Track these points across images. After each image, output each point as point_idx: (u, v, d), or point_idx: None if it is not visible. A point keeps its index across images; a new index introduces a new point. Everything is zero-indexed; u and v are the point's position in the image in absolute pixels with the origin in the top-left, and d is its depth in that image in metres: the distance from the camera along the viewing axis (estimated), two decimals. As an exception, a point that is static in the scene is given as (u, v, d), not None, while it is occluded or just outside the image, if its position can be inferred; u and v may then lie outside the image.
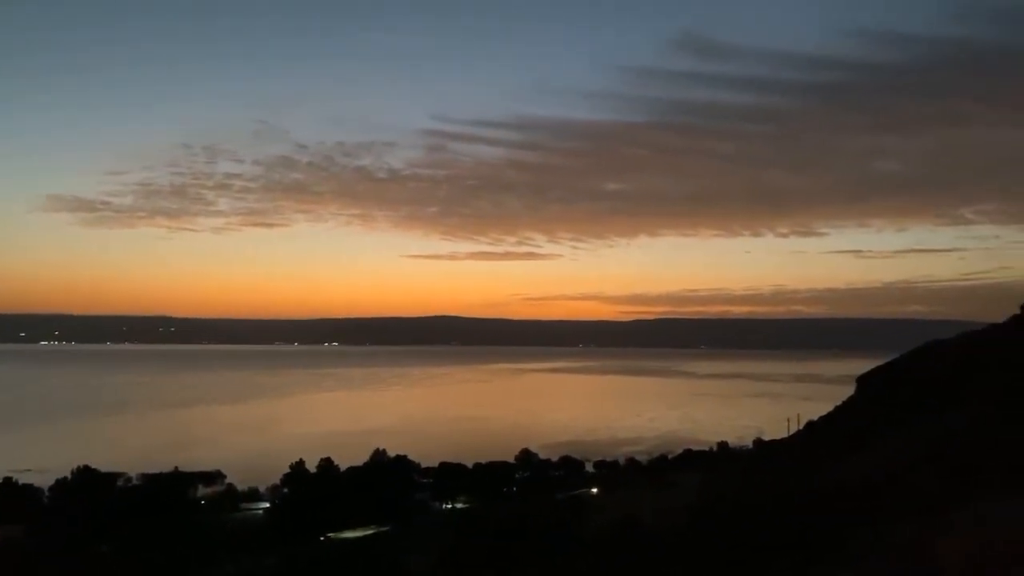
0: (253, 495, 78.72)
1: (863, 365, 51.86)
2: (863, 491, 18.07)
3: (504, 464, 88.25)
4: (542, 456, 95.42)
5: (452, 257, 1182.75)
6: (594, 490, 77.25)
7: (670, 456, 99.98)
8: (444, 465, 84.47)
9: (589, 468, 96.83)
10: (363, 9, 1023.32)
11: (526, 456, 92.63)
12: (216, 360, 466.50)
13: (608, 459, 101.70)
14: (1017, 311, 41.33)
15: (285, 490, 71.78)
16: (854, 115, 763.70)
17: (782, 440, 52.52)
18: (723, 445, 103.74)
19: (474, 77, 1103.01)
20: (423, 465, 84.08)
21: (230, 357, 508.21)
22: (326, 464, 74.76)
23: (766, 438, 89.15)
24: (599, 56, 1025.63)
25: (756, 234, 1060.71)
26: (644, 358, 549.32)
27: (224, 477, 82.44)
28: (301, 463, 73.40)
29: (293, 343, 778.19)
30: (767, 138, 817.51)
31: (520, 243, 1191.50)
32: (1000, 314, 41.54)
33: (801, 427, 47.24)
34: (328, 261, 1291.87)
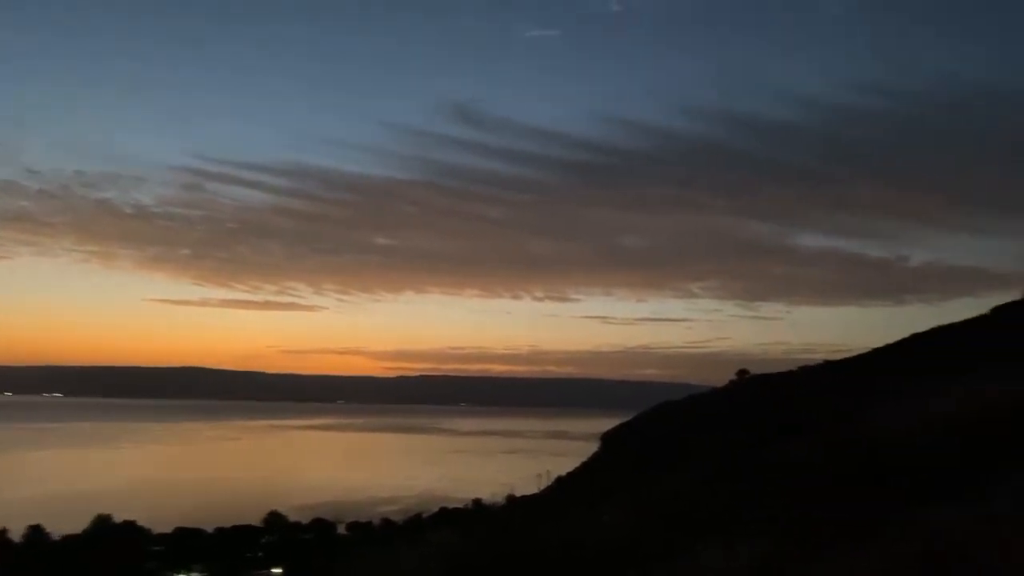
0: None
1: (608, 423, 55.36)
2: (604, 544, 18.93)
3: (249, 528, 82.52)
4: (292, 518, 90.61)
5: (203, 303, 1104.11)
6: (276, 570, 73.18)
7: (425, 515, 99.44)
8: (180, 530, 77.24)
9: (342, 530, 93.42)
10: (119, 33, 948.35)
11: (274, 519, 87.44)
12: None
13: (362, 520, 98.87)
14: (734, 376, 46.58)
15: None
16: (606, 193, 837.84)
17: (533, 496, 54.24)
18: (478, 502, 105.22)
19: (241, 116, 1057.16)
20: (156, 531, 76.26)
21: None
22: (34, 533, 65.21)
23: (518, 494, 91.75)
24: (374, 112, 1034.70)
25: (516, 296, 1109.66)
26: (406, 415, 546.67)
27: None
28: (3, 533, 63.40)
29: (3, 392, 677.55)
30: (529, 207, 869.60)
31: (281, 292, 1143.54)
32: (721, 378, 46.73)
33: (551, 482, 49.17)
34: (56, 300, 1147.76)
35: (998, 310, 40.47)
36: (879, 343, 43.21)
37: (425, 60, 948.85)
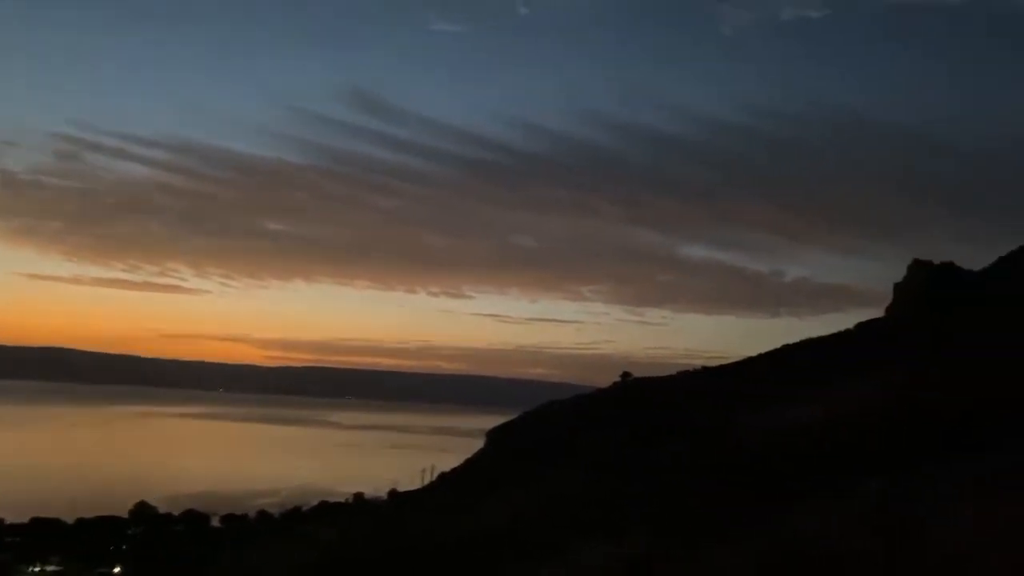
0: None
1: (495, 420, 55.78)
2: (486, 540, 19.09)
3: (114, 519, 78.40)
4: (163, 510, 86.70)
5: (76, 281, 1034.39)
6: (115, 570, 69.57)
7: (305, 508, 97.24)
8: (36, 521, 72.52)
9: (216, 522, 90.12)
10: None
11: (142, 510, 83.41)
12: None
13: (238, 512, 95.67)
14: (618, 378, 47.94)
15: None
16: (504, 193, 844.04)
17: (417, 491, 53.95)
18: (359, 496, 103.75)
19: (128, 86, 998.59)
20: (9, 521, 71.35)
21: None
22: None
23: (401, 489, 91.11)
24: (272, 93, 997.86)
25: (410, 290, 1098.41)
26: (289, 406, 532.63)
27: None
28: None
29: None
30: (426, 201, 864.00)
31: (162, 274, 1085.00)
32: (606, 380, 48.11)
33: (435, 478, 49.07)
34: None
35: (861, 326, 43.37)
36: (753, 352, 45.42)
37: (328, 44, 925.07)
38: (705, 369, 46.81)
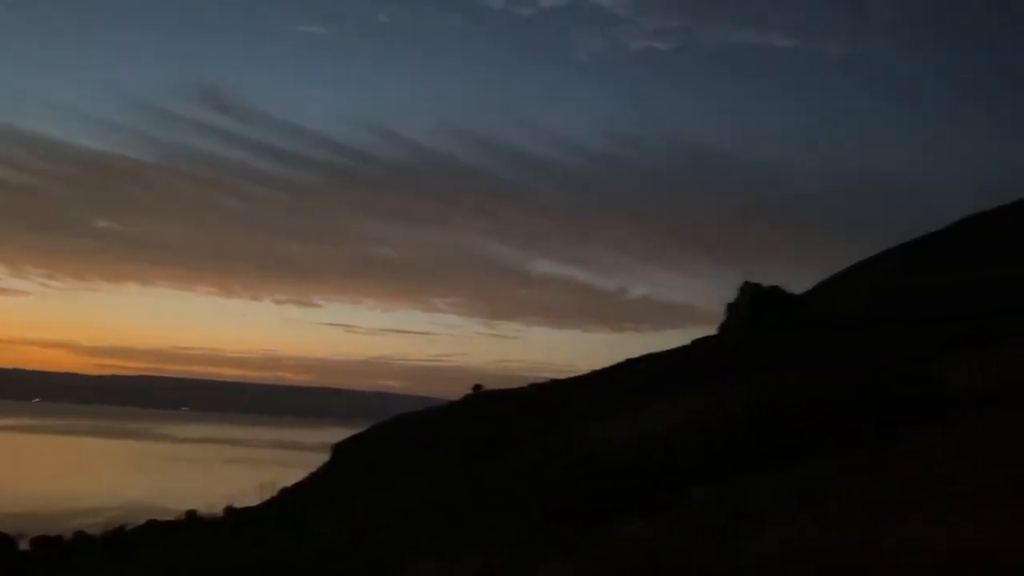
0: None
1: (342, 433, 54.35)
2: (326, 557, 18.46)
3: None
4: (-40, 533, 77.99)
5: None
6: None
7: (130, 527, 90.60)
8: None
9: (24, 545, 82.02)
10: None
11: (-65, 533, 74.63)
12: None
13: (52, 534, 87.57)
14: (470, 390, 48.10)
15: None
16: (360, 201, 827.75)
17: (254, 507, 51.60)
18: (191, 514, 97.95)
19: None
20: None
21: None
22: None
23: (238, 505, 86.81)
24: (111, 81, 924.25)
25: (255, 297, 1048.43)
26: (117, 418, 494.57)
27: None
28: None
29: None
30: (278, 205, 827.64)
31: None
32: (458, 392, 48.14)
33: (275, 494, 47.15)
34: None
35: (698, 342, 45.90)
36: (599, 365, 47.00)
37: (179, 38, 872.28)
38: (554, 381, 47.90)
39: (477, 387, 48.57)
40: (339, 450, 46.69)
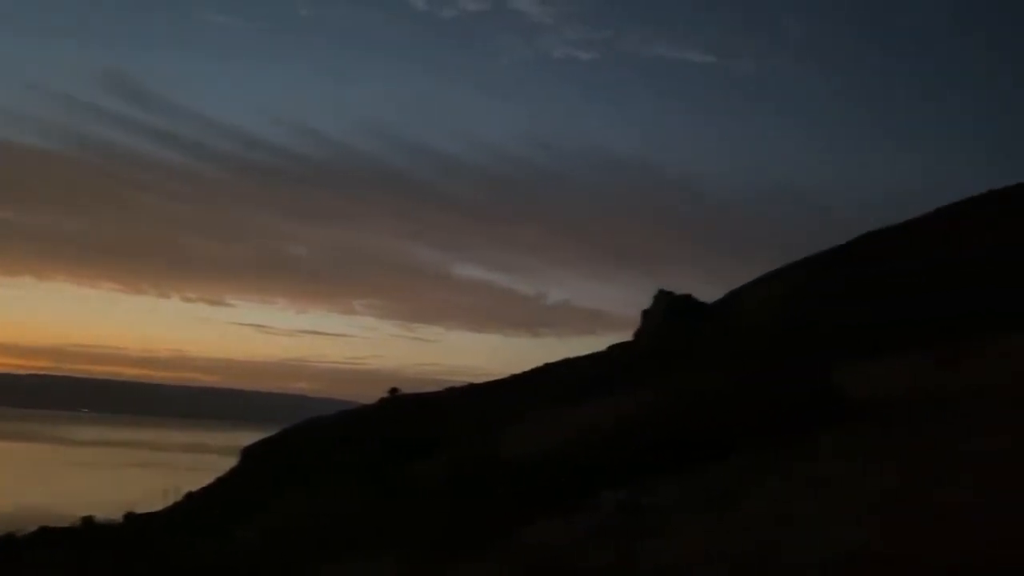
0: None
1: (253, 436, 52.85)
2: (233, 563, 17.88)
3: None
4: None
5: None
6: None
7: (20, 534, 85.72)
8: None
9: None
10: None
11: None
12: None
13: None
14: (386, 394, 47.54)
15: None
16: (275, 198, 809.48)
17: (158, 513, 49.64)
18: (89, 520, 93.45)
19: None
20: None
21: None
22: None
23: (140, 511, 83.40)
24: (11, 67, 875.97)
25: (163, 295, 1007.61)
26: (10, 420, 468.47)
27: None
28: None
29: None
30: (188, 200, 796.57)
31: None
32: (374, 395, 47.56)
33: (180, 499, 45.49)
34: None
35: (613, 348, 46.67)
36: (517, 370, 47.26)
37: (86, 24, 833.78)
38: (472, 386, 47.84)
39: (393, 391, 48.03)
40: (249, 454, 45.39)
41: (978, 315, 23.47)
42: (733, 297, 47.57)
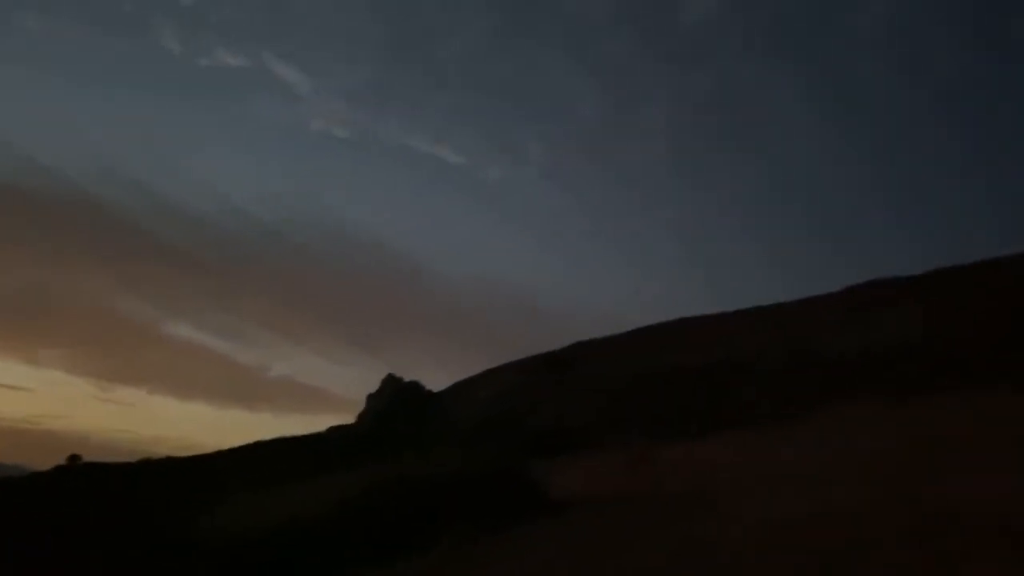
0: None
1: None
2: None
3: None
4: None
5: None
6: None
7: None
8: None
9: None
10: None
11: None
12: None
13: None
14: (64, 461, 42.04)
15: None
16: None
17: None
18: None
19: None
20: None
21: None
22: None
23: None
24: None
25: None
26: None
27: None
28: None
29: None
30: None
31: None
32: (50, 461, 41.72)
33: None
34: None
35: (334, 429, 45.74)
36: (227, 445, 44.32)
37: None
38: (170, 459, 43.90)
39: (74, 457, 42.71)
40: None
41: (664, 419, 26.63)
42: (458, 388, 49.19)
